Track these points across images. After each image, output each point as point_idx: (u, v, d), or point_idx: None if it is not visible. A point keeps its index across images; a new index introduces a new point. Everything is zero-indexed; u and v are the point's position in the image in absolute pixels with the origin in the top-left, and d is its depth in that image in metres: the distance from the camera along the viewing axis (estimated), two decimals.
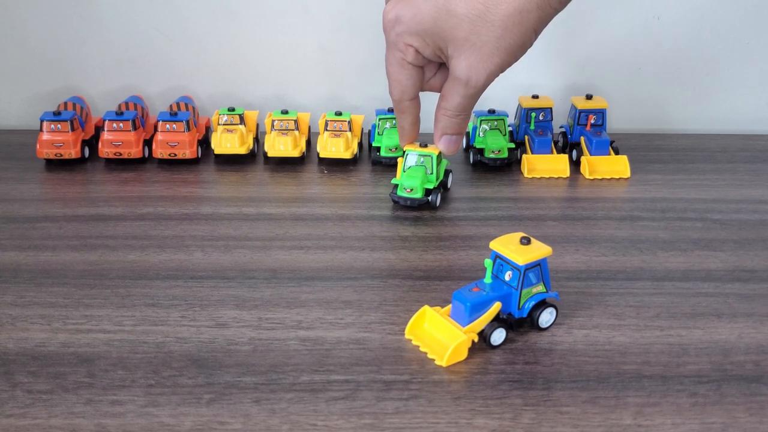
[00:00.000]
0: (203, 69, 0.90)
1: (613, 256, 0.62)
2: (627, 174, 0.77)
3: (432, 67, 0.62)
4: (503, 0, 0.54)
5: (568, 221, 0.68)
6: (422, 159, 0.69)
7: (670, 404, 0.46)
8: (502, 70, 0.58)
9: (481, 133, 0.79)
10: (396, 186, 0.70)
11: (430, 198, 0.69)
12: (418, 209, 0.69)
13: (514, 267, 0.51)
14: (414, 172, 0.69)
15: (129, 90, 0.90)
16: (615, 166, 0.78)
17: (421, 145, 0.69)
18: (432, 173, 0.69)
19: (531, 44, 0.58)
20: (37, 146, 0.77)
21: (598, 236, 0.65)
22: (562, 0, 0.56)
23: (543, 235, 0.57)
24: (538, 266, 0.51)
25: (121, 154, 0.78)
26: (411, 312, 0.52)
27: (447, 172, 0.73)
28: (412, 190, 0.68)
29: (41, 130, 0.77)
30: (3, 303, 0.55)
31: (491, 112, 0.80)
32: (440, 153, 0.68)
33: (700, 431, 0.44)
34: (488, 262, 0.51)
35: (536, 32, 0.57)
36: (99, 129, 0.81)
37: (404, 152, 0.70)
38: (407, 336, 0.51)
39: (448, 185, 0.74)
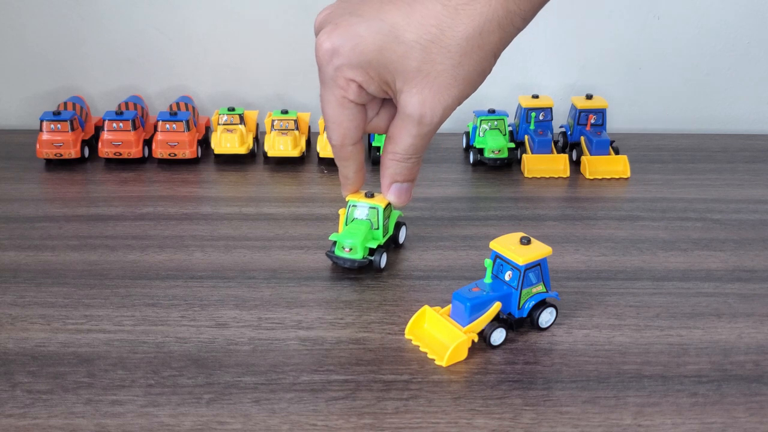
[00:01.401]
0: (203, 69, 0.90)
1: (613, 256, 0.62)
2: (627, 174, 0.77)
3: (375, 104, 0.53)
4: (460, 21, 0.46)
5: (568, 221, 0.68)
6: (367, 211, 0.59)
7: (670, 404, 0.46)
8: (460, 103, 0.50)
9: (481, 133, 0.79)
10: (334, 243, 0.59)
11: (373, 258, 0.59)
12: (359, 271, 0.59)
13: (514, 267, 0.50)
14: (356, 228, 0.59)
15: (129, 90, 0.90)
16: (615, 166, 0.78)
17: (367, 195, 0.59)
18: (378, 228, 0.59)
19: (490, 70, 0.50)
20: (37, 146, 0.77)
21: (598, 236, 0.65)
22: (525, 17, 0.48)
23: (543, 235, 0.57)
24: (538, 266, 0.51)
25: (120, 154, 0.78)
26: (411, 312, 0.52)
27: (399, 225, 0.63)
28: (351, 249, 0.58)
29: (41, 130, 0.77)
30: (3, 303, 0.55)
31: (491, 111, 0.80)
32: (389, 204, 0.59)
33: (700, 431, 0.44)
34: (488, 262, 0.51)
35: (496, 56, 0.49)
36: (99, 129, 0.81)
37: (347, 203, 0.60)
38: (407, 336, 0.51)
39: (401, 240, 0.63)
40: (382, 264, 0.59)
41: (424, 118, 0.49)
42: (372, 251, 0.59)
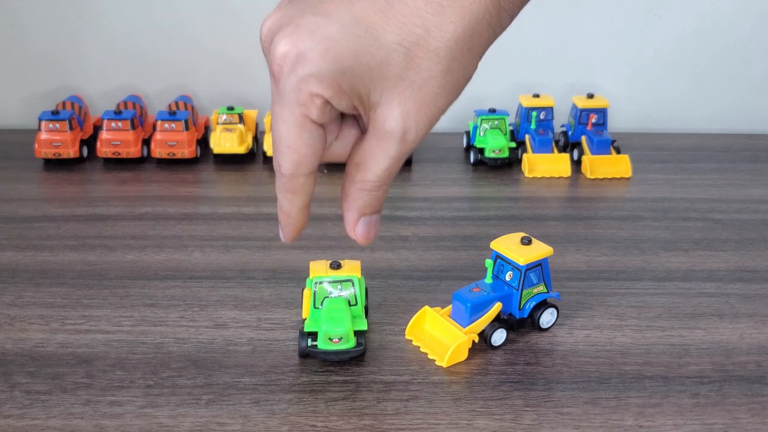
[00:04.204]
0: (202, 68, 0.90)
1: (615, 256, 0.62)
2: (628, 174, 0.77)
3: (334, 125, 0.43)
4: (448, 20, 0.40)
5: (569, 221, 0.68)
6: (339, 286, 0.50)
7: (672, 405, 0.45)
8: (443, 114, 0.43)
9: (481, 133, 0.79)
10: (308, 334, 0.48)
11: (360, 342, 0.48)
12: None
13: (515, 267, 0.50)
14: (335, 310, 0.48)
15: (128, 89, 0.89)
16: (616, 166, 0.77)
17: (332, 266, 0.50)
18: (357, 304, 0.50)
19: (473, 74, 0.43)
20: (36, 146, 0.77)
21: (599, 236, 0.65)
22: (513, 14, 0.42)
23: (544, 235, 0.57)
24: (539, 266, 0.51)
25: (119, 154, 0.77)
26: (411, 312, 0.52)
27: (366, 292, 0.52)
28: (341, 339, 0.47)
29: (40, 129, 0.77)
30: (1, 303, 0.55)
31: (492, 111, 0.80)
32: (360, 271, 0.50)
33: None
34: (489, 263, 0.51)
35: (480, 59, 0.42)
36: (97, 128, 0.80)
37: (313, 282, 0.49)
38: (407, 336, 0.51)
39: (368, 309, 0.53)
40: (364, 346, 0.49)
41: (407, 135, 0.41)
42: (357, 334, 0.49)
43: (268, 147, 0.79)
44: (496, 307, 0.50)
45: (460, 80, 0.41)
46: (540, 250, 0.51)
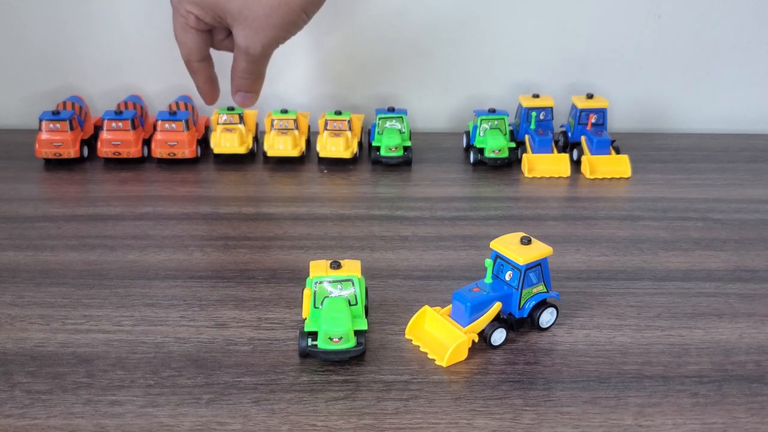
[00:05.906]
0: None
1: (614, 256, 0.62)
2: (628, 174, 0.77)
3: (223, 30, 0.66)
4: None
5: (568, 221, 0.68)
6: (339, 286, 0.50)
7: (671, 404, 0.46)
8: (279, 43, 0.64)
9: (481, 133, 0.79)
10: (308, 334, 0.49)
11: (360, 342, 0.49)
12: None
13: (514, 267, 0.50)
14: (335, 309, 0.49)
15: (128, 89, 0.89)
16: (616, 166, 0.77)
17: (332, 266, 0.50)
18: (357, 304, 0.50)
19: (303, 22, 0.64)
20: (36, 146, 0.77)
21: (598, 236, 0.65)
22: None
23: (543, 235, 0.57)
24: (539, 266, 0.51)
25: (120, 154, 0.77)
26: (411, 312, 0.52)
27: (366, 292, 0.52)
28: (341, 338, 0.48)
29: (40, 129, 0.77)
30: (2, 303, 0.55)
31: (491, 111, 0.80)
32: (360, 272, 0.51)
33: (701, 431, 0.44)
34: (489, 262, 0.51)
35: (306, 12, 0.63)
36: (98, 128, 0.80)
37: (313, 281, 0.50)
38: (407, 336, 0.51)
39: (368, 309, 0.54)
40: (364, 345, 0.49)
41: (248, 50, 0.64)
42: (356, 333, 0.49)
43: (268, 147, 0.79)
44: (496, 307, 0.50)
45: (281, 23, 0.62)
46: (539, 249, 0.51)
